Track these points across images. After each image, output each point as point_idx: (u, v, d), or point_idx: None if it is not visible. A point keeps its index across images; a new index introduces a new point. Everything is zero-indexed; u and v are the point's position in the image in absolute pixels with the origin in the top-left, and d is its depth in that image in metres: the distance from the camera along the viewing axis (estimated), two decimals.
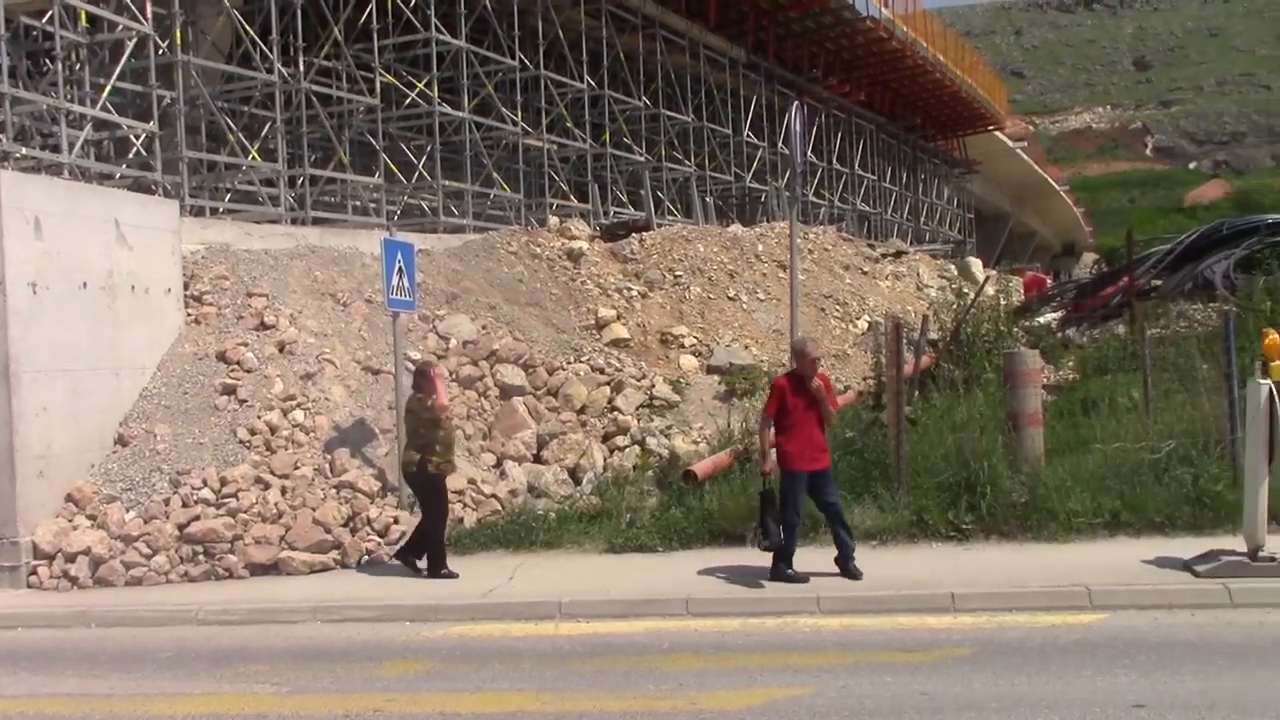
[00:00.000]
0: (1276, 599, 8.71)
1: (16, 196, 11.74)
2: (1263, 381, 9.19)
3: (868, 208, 44.81)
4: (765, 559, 10.09)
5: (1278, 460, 9.27)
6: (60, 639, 9.74)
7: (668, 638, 8.78)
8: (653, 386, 15.12)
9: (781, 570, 9.96)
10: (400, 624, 9.63)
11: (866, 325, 19.74)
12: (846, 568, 9.94)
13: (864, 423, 13.45)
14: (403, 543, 11.45)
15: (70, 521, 11.55)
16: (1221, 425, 11.63)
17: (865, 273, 23.52)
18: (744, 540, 11.15)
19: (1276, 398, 9.11)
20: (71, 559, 11.19)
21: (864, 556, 10.14)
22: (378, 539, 11.76)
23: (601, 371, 15.29)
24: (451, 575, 10.82)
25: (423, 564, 11.08)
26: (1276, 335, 11.60)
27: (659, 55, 30.29)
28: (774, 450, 10.10)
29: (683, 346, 16.76)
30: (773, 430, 10.07)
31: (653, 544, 11.44)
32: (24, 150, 15.39)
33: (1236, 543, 9.48)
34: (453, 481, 11.92)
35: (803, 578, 9.85)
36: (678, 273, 18.74)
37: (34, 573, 11.24)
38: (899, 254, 29.23)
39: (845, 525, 10.07)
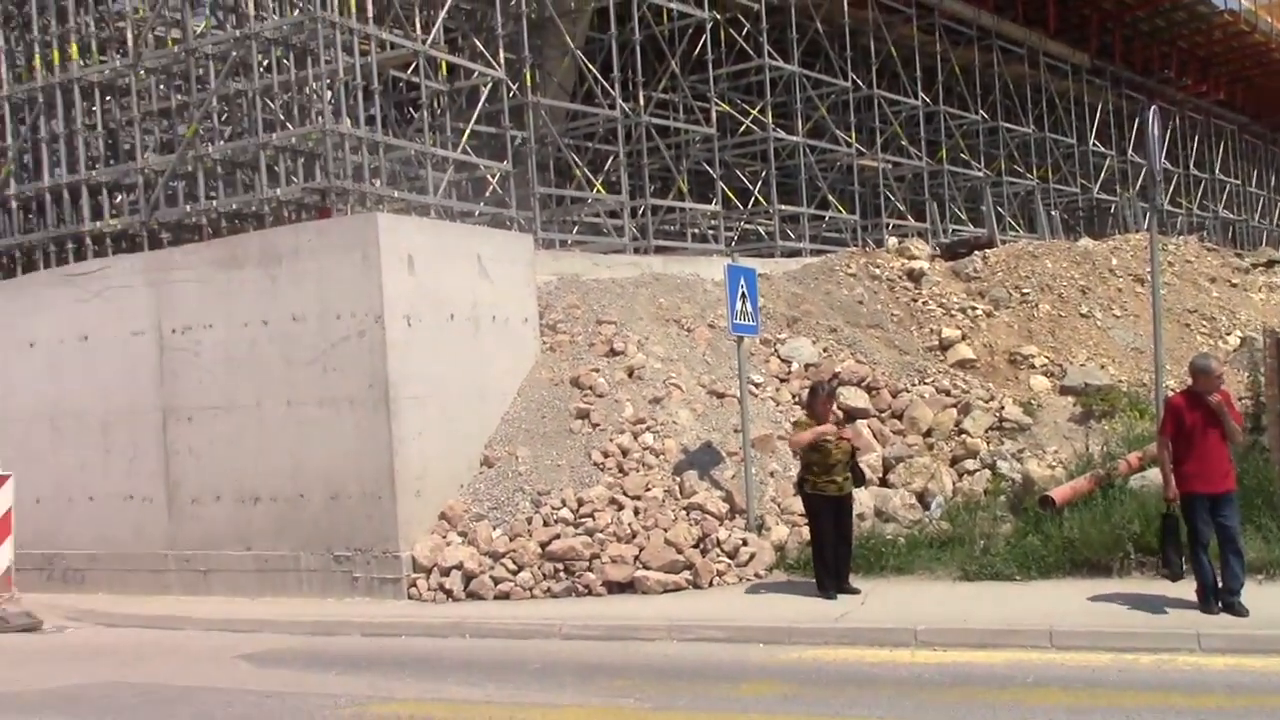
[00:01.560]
0: None
1: (391, 236, 12.69)
2: None
3: (1231, 215, 41.66)
4: (1134, 589, 9.55)
5: None
6: (439, 648, 10.40)
7: (1031, 670, 8.38)
8: (1002, 408, 14.56)
9: (1211, 603, 9.31)
10: (753, 645, 9.67)
11: (1239, 341, 18.27)
12: (1230, 602, 9.20)
13: (1241, 447, 12.42)
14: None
15: (444, 538, 12.33)
16: None
17: (1234, 285, 21.78)
18: (1109, 571, 10.56)
19: None
20: (446, 573, 11.95)
21: (1248, 591, 9.36)
22: (727, 560, 11.89)
23: (947, 393, 14.89)
24: (829, 596, 10.74)
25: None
26: None
27: (996, 66, 29.38)
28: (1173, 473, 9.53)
29: (1033, 367, 16.07)
30: (1170, 451, 9.51)
31: (1009, 572, 11.00)
32: (396, 193, 16.65)
33: None
34: (797, 505, 11.91)
35: (1242, 611, 9.15)
36: (1025, 290, 18.02)
37: (414, 585, 12.07)
38: (1271, 263, 26.94)
39: (1240, 555, 9.34)
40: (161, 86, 18.13)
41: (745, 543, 12.07)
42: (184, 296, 13.51)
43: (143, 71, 17.18)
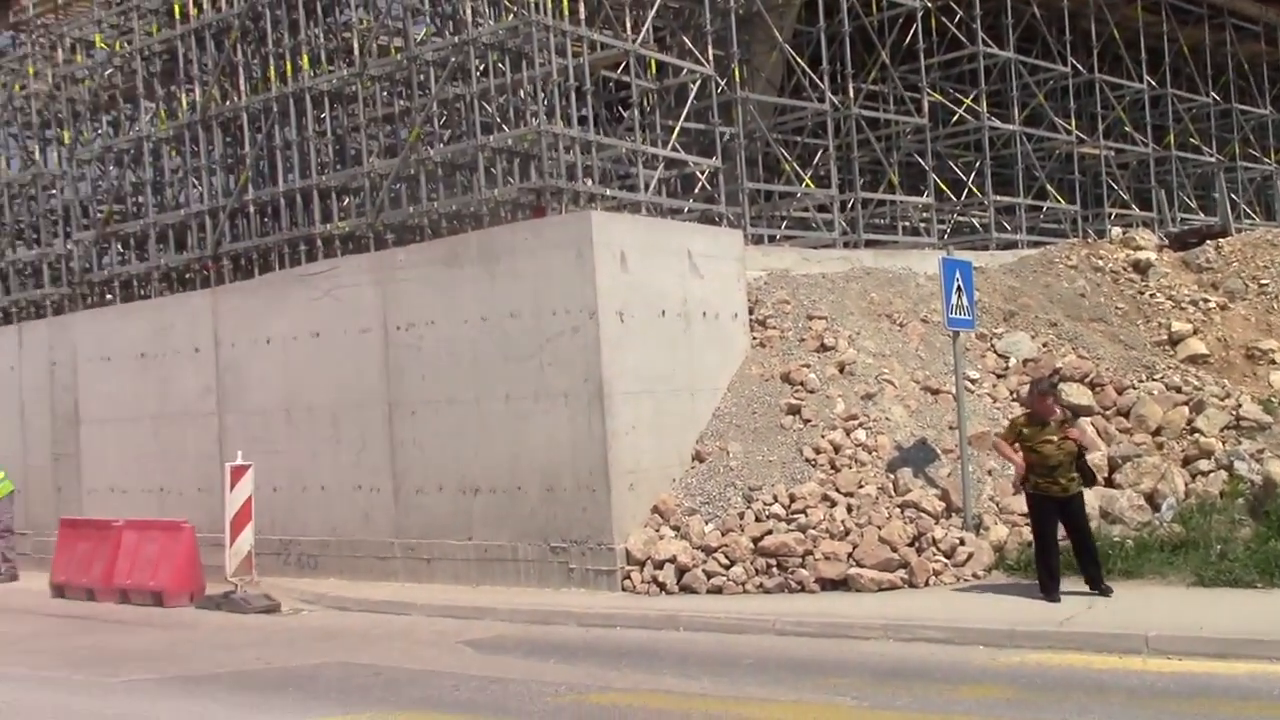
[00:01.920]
0: None
1: (604, 234, 12.90)
2: None
3: None
4: None
5: None
6: (654, 640, 10.53)
7: (1279, 684, 7.92)
8: (1239, 406, 13.77)
9: None
10: (973, 648, 9.43)
11: None
12: None
13: None
14: None
15: (657, 531, 12.46)
16: None
17: None
18: None
19: None
20: (659, 566, 12.07)
21: None
22: (944, 559, 11.64)
23: (1178, 390, 14.16)
24: (1052, 599, 10.42)
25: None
26: None
27: (1228, 45, 27.80)
28: None
29: (1273, 362, 15.14)
30: None
31: (1249, 579, 10.43)
32: (608, 191, 16.91)
33: None
34: (1017, 505, 11.57)
35: None
36: (1263, 281, 16.99)
37: (627, 577, 12.24)
38: None
39: None
40: (385, 93, 18.91)
41: (962, 542, 11.80)
42: (407, 294, 14.04)
43: (368, 79, 17.93)
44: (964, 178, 23.13)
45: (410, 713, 8.25)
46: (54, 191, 22.40)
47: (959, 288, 12.77)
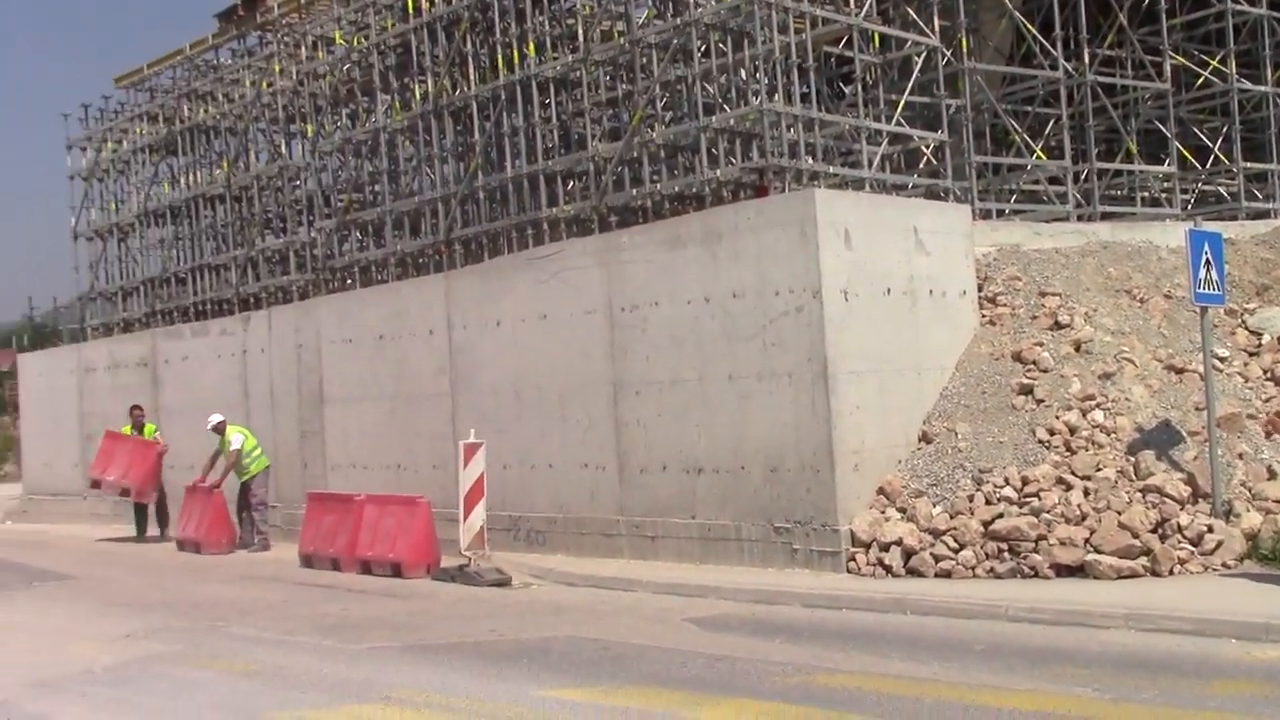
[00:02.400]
0: None
1: (828, 211, 12.76)
2: None
3: None
4: None
5: None
6: (880, 623, 10.38)
7: None
8: None
9: None
10: (1224, 640, 8.92)
11: None
12: None
13: None
14: None
15: (882, 513, 12.27)
16: None
17: None
18: None
19: None
20: (885, 548, 11.88)
21: None
22: (1190, 547, 11.07)
23: None
24: None
25: None
26: None
27: None
28: None
29: None
30: None
31: None
32: (831, 169, 16.68)
33: None
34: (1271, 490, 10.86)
35: None
36: None
37: (852, 559, 12.10)
38: None
39: None
40: (608, 77, 19.15)
41: (1210, 529, 11.19)
42: (632, 276, 14.22)
43: (591, 64, 18.19)
44: (1209, 144, 21.80)
45: (639, 687, 8.37)
46: (298, 182, 23.64)
47: (1207, 261, 12.08)
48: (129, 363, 23.05)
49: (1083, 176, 19.86)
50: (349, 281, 21.87)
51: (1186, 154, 21.63)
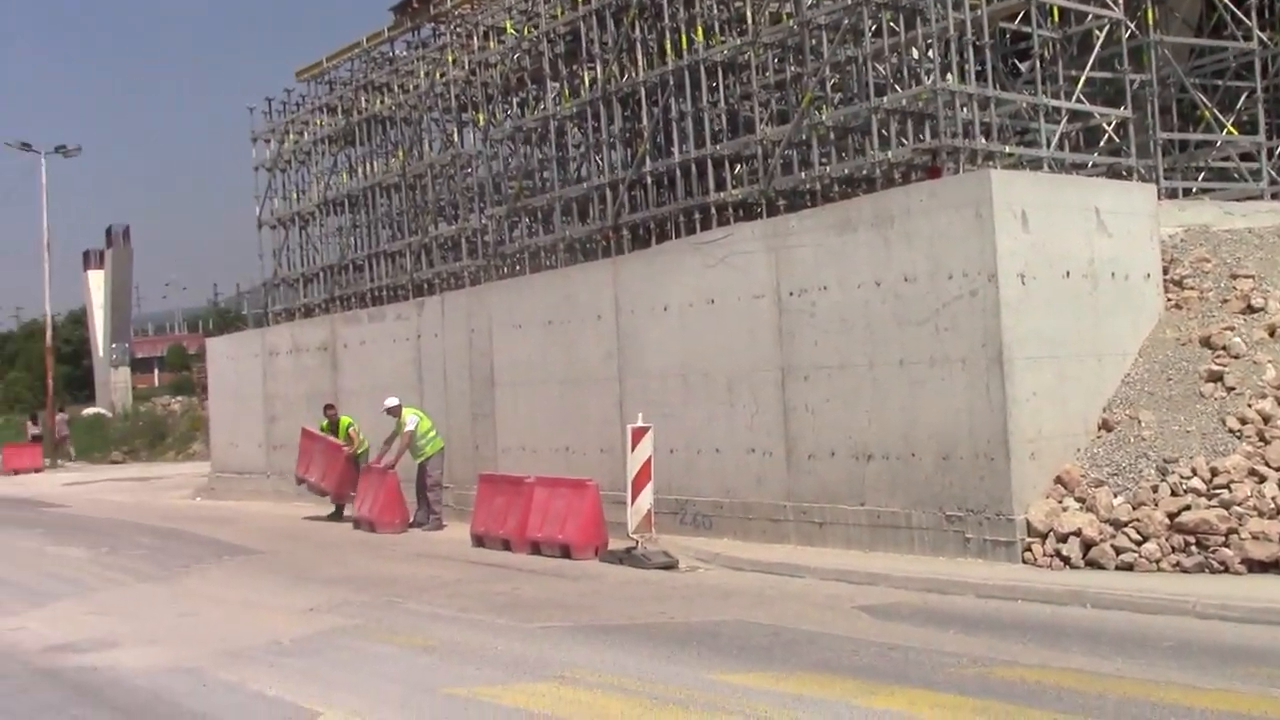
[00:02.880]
0: None
1: (1004, 192, 12.40)
2: None
3: None
4: None
5: None
6: (1059, 615, 10.06)
7: None
8: None
9: None
10: None
11: None
12: None
13: None
14: None
15: (1059, 503, 11.89)
16: None
17: None
18: None
19: None
20: (1063, 539, 11.51)
21: None
22: None
23: None
24: None
25: None
26: None
27: None
28: None
29: None
30: None
31: None
32: (1006, 148, 16.23)
33: None
34: None
35: None
36: None
37: (1028, 549, 11.76)
38: None
39: None
40: (776, 60, 19.01)
41: None
42: (800, 260, 14.09)
43: (760, 47, 18.09)
44: None
45: (811, 674, 8.30)
46: (470, 170, 24.18)
47: None
48: (310, 347, 23.90)
49: (1277, 152, 18.89)
50: (519, 267, 22.27)
51: None
